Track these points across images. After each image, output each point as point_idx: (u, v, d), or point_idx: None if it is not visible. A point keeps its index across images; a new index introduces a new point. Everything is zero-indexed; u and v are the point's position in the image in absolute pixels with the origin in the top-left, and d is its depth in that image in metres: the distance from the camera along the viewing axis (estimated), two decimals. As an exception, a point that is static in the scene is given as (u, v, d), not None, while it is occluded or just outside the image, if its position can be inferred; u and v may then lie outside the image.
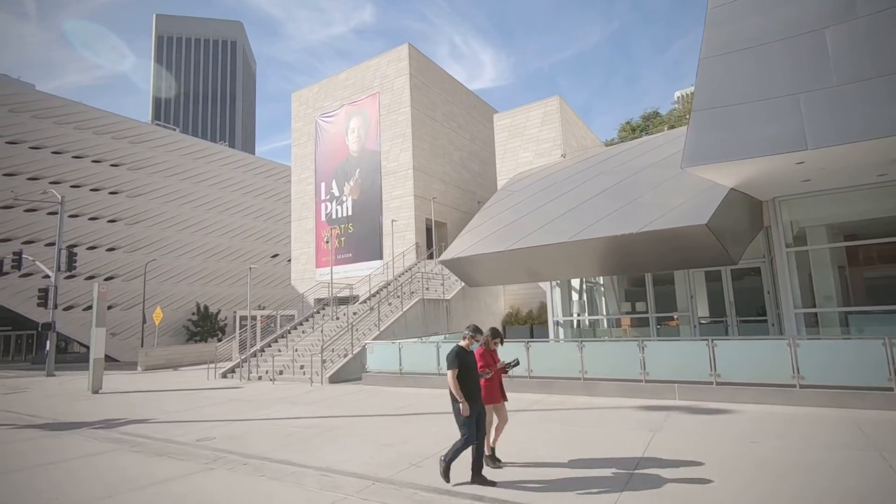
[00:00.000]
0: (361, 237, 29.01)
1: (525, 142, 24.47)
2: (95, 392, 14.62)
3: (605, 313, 17.30)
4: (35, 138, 39.62)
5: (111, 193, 43.78)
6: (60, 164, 40.66)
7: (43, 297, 23.45)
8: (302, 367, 15.57)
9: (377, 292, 23.62)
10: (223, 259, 51.33)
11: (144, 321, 39.35)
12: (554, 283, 16.27)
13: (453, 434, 7.64)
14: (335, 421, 8.94)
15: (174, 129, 51.50)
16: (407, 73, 28.55)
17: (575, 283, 17.08)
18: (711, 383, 8.83)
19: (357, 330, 16.62)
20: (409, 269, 25.24)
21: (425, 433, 7.68)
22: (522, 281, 15.24)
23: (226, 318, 49.21)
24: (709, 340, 8.93)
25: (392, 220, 26.42)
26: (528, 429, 7.68)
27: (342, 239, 30.13)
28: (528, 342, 10.89)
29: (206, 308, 47.19)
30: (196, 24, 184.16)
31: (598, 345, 10.33)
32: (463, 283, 20.85)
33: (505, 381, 11.33)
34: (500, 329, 23.85)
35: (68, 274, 37.62)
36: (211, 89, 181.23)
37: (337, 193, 30.77)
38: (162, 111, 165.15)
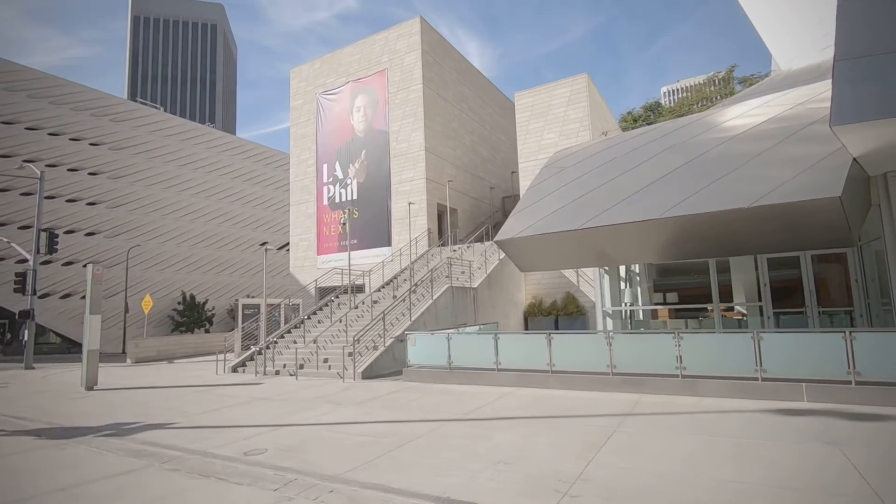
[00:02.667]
0: (368, 222, 27.29)
1: (549, 122, 23.05)
2: (90, 389, 12.76)
3: (653, 303, 16.05)
4: (7, 112, 36.65)
5: (91, 174, 41.01)
6: (35, 140, 37.76)
7: (20, 283, 21.20)
8: (326, 360, 13.93)
9: (391, 280, 22.02)
10: (210, 246, 48.88)
11: (127, 310, 36.99)
12: (603, 270, 14.92)
13: (570, 445, 6.11)
14: (406, 427, 7.40)
15: (158, 108, 48.64)
16: (419, 48, 26.80)
17: (622, 270, 15.79)
18: (849, 383, 7.55)
19: (383, 320, 15.03)
20: (423, 255, 23.70)
21: (535, 445, 6.21)
22: (587, 265, 13.87)
23: (213, 308, 46.91)
24: (846, 332, 7.63)
25: (409, 203, 24.74)
26: (675, 443, 6.24)
27: (346, 224, 28.33)
28: (611, 334, 9.48)
29: (192, 297, 44.80)
30: (175, 5, 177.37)
31: (700, 337, 8.99)
32: (488, 272, 19.45)
33: (583, 378, 9.98)
34: (523, 320, 22.57)
35: (44, 259, 35.01)
36: (190, 73, 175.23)
37: (341, 176, 28.94)
38: (138, 94, 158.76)
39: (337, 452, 6.23)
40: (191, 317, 43.94)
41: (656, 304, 19.04)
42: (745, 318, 15.22)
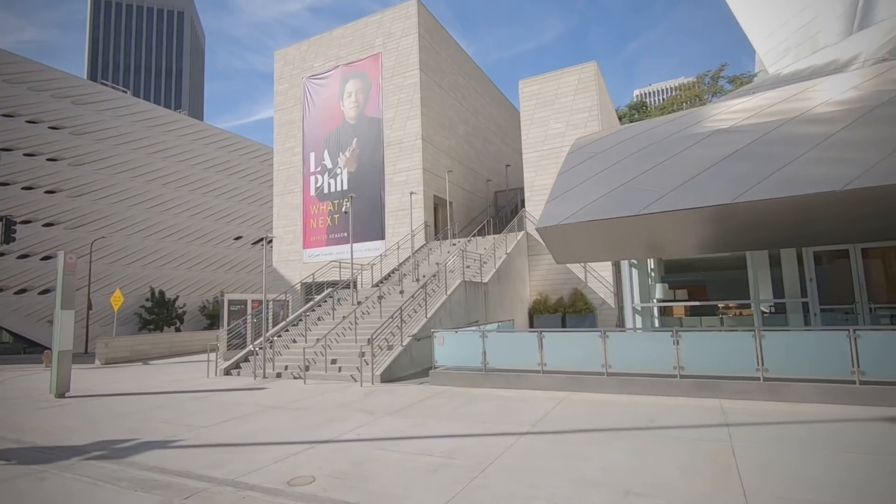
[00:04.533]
0: (359, 214, 25.74)
1: (556, 111, 22.11)
2: (61, 396, 11.01)
3: (674, 300, 15.25)
4: (-45, 90, 33.41)
5: (50, 160, 37.87)
6: (-13, 121, 34.54)
7: (-28, 275, 18.85)
8: (334, 361, 12.52)
9: (389, 275, 20.72)
10: (181, 240, 46.11)
11: (90, 307, 34.35)
12: (632, 264, 14.02)
13: (695, 465, 4.89)
14: (473, 443, 6.18)
15: (125, 92, 45.58)
16: (415, 31, 25.46)
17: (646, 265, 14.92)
18: (966, 386, 6.74)
19: (400, 317, 13.75)
20: (421, 249, 22.46)
21: (651, 466, 5.08)
22: (632, 256, 12.87)
23: (184, 305, 44.26)
24: (962, 330, 6.82)
25: (412, 193, 23.39)
26: (817, 461, 5.20)
27: (336, 217, 26.79)
28: (677, 331, 8.48)
29: (161, 293, 42.08)
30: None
31: (784, 335, 8.06)
32: (497, 266, 18.35)
33: (645, 381, 8.97)
34: (527, 317, 21.58)
35: (-2, 251, 32.19)
36: (155, 62, 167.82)
37: (330, 165, 27.31)
38: (99, 82, 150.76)
39: (408, 480, 4.97)
40: (160, 314, 41.25)
41: (695, 301, 18.09)
42: (766, 315, 14.60)
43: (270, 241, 31.56)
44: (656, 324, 15.69)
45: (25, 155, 36.56)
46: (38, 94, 37.78)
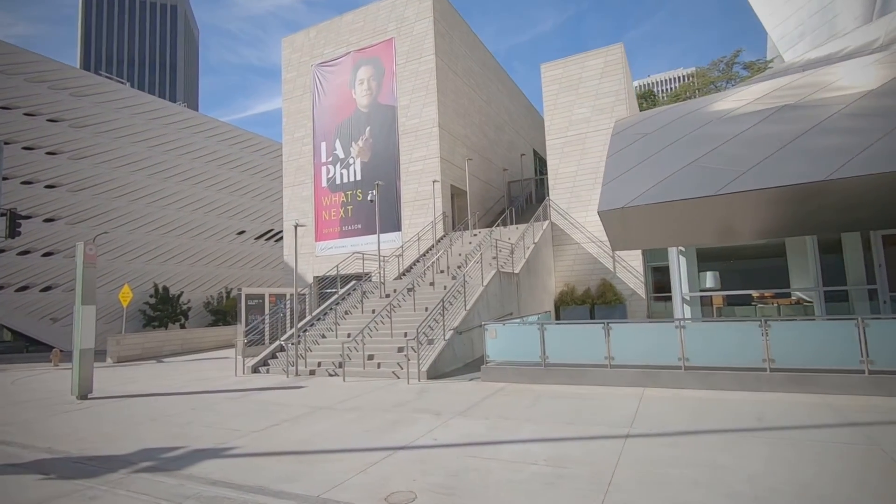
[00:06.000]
0: (373, 205, 24.93)
1: (580, 96, 21.31)
2: (84, 397, 10.23)
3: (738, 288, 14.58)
4: (-50, 81, 32.31)
5: (49, 154, 36.81)
6: (-16, 114, 33.47)
7: (-24, 271, 18.01)
8: (371, 356, 11.78)
9: (411, 267, 20.00)
10: (183, 235, 45.15)
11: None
12: (680, 251, 13.32)
13: (863, 476, 4.35)
14: (574, 448, 5.45)
15: (124, 83, 44.42)
16: (430, 15, 24.55)
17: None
18: None
19: (427, 309, 13.04)
20: (441, 240, 21.73)
21: (799, 473, 4.38)
22: (699, 241, 12.13)
23: (188, 301, 43.39)
24: None
25: (434, 181, 22.59)
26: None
27: (349, 208, 25.98)
28: (766, 321, 7.78)
29: (165, 289, 41.19)
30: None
31: (892, 323, 7.38)
32: (526, 257, 17.63)
33: (729, 376, 8.26)
34: (553, 309, 20.91)
35: (-2, 247, 31.27)
36: (148, 56, 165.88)
37: (342, 155, 26.44)
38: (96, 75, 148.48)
39: (528, 496, 4.24)
40: (164, 311, 40.37)
41: (749, 290, 17.36)
42: (810, 304, 13.97)
43: (266, 236, 30.70)
44: (699, 314, 15.03)
45: (24, 148, 35.51)
46: (36, 86, 36.69)
